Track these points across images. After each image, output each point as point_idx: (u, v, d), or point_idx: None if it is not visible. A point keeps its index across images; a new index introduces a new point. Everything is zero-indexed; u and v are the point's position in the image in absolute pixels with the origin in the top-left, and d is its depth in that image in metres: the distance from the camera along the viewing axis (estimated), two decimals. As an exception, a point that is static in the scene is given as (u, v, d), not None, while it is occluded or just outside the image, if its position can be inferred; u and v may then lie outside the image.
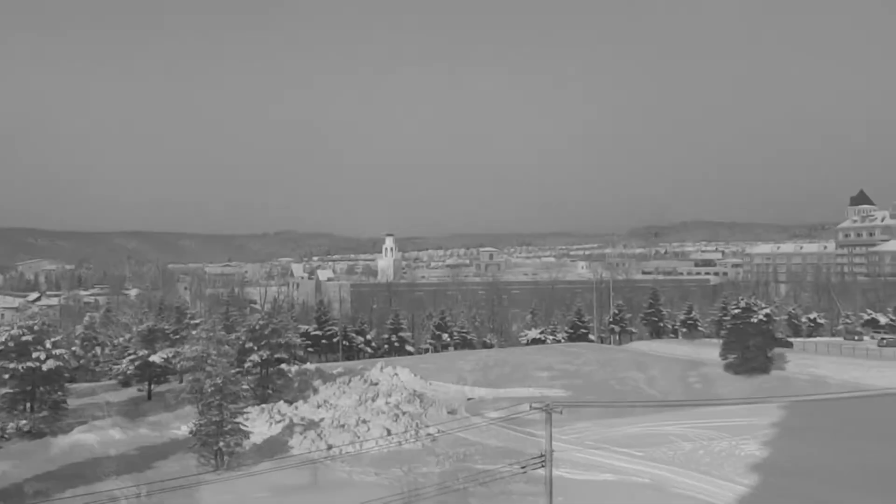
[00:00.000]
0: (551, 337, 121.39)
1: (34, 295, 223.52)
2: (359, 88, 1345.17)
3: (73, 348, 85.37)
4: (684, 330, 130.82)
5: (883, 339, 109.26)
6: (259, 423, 54.34)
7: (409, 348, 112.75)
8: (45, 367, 54.17)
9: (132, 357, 67.84)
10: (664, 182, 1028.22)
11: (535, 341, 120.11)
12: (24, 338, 54.67)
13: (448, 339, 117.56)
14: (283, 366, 67.33)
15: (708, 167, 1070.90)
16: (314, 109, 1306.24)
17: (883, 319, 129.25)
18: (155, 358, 67.03)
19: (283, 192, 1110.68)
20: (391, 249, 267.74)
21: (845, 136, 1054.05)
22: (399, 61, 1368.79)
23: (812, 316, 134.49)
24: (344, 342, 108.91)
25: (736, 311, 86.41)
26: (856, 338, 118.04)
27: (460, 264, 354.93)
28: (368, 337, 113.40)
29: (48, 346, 55.49)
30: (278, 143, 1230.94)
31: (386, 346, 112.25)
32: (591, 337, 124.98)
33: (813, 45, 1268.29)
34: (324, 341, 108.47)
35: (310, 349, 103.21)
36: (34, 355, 54.42)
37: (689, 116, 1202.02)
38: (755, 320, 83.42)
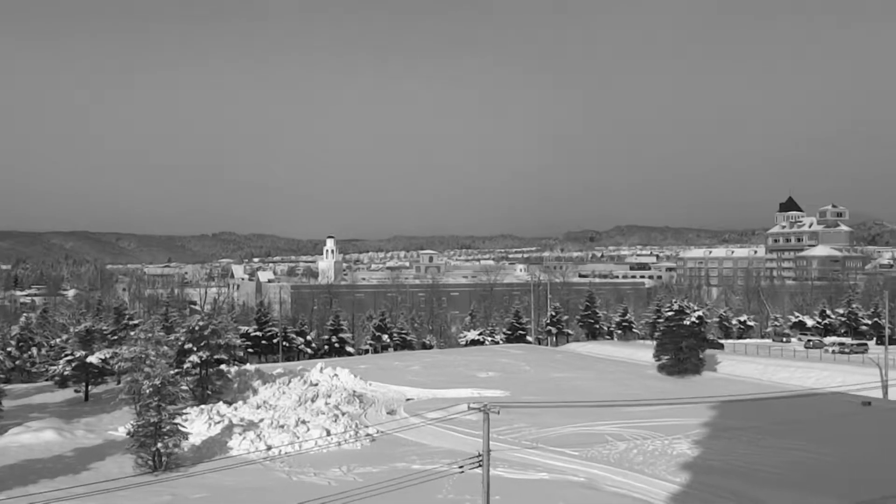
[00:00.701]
0: (490, 338, 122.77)
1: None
2: (301, 91, 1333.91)
3: (9, 349, 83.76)
4: (619, 332, 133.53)
5: (809, 340, 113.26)
6: (198, 424, 54.03)
7: (349, 349, 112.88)
8: (-22, 368, 53.24)
9: (69, 358, 66.72)
10: (601, 188, 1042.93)
11: (473, 342, 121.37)
12: (-44, 338, 53.65)
13: (388, 341, 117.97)
14: (223, 367, 66.80)
15: (643, 173, 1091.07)
16: (256, 112, 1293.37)
17: (810, 322, 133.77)
18: (92, 359, 66.04)
19: (224, 194, 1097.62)
20: (332, 251, 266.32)
21: (776, 145, 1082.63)
22: (343, 64, 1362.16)
23: (742, 318, 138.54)
24: (284, 343, 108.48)
25: (669, 313, 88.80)
26: (784, 339, 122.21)
27: (400, 266, 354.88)
28: (309, 338, 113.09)
29: (-19, 346, 54.58)
30: (219, 144, 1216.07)
31: (326, 347, 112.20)
32: (529, 338, 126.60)
33: (744, 55, 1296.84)
34: (264, 342, 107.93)
35: (250, 350, 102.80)
36: (-33, 356, 53.46)
37: (625, 123, 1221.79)
38: (688, 322, 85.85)
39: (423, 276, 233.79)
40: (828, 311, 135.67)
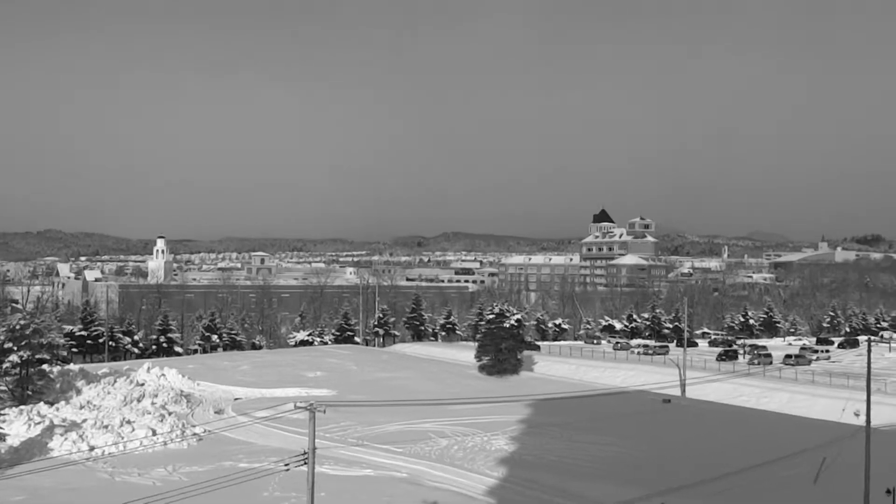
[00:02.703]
0: (319, 339, 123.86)
1: None
2: (134, 90, 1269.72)
3: None
4: (443, 333, 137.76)
5: (617, 342, 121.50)
6: (17, 425, 52.52)
7: (177, 349, 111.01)
8: None
9: None
10: (429, 195, 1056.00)
11: (303, 343, 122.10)
12: None
13: (217, 341, 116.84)
14: (45, 366, 64.78)
15: (469, 182, 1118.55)
16: (85, 108, 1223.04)
17: (618, 325, 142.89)
18: None
19: (51, 190, 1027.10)
20: (162, 251, 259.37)
21: (592, 160, 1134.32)
22: (171, 66, 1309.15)
23: (558, 322, 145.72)
24: (110, 343, 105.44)
25: (490, 316, 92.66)
26: (595, 342, 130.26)
27: (232, 268, 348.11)
28: (136, 338, 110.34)
29: None
30: (47, 140, 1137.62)
31: (154, 347, 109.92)
32: (357, 339, 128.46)
33: (567, 75, 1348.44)
34: (89, 342, 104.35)
35: (74, 350, 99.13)
36: None
37: (454, 133, 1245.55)
38: (507, 325, 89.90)
39: (254, 278, 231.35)
40: (634, 316, 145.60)
